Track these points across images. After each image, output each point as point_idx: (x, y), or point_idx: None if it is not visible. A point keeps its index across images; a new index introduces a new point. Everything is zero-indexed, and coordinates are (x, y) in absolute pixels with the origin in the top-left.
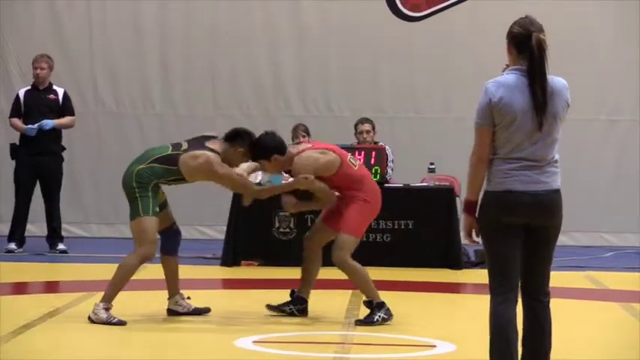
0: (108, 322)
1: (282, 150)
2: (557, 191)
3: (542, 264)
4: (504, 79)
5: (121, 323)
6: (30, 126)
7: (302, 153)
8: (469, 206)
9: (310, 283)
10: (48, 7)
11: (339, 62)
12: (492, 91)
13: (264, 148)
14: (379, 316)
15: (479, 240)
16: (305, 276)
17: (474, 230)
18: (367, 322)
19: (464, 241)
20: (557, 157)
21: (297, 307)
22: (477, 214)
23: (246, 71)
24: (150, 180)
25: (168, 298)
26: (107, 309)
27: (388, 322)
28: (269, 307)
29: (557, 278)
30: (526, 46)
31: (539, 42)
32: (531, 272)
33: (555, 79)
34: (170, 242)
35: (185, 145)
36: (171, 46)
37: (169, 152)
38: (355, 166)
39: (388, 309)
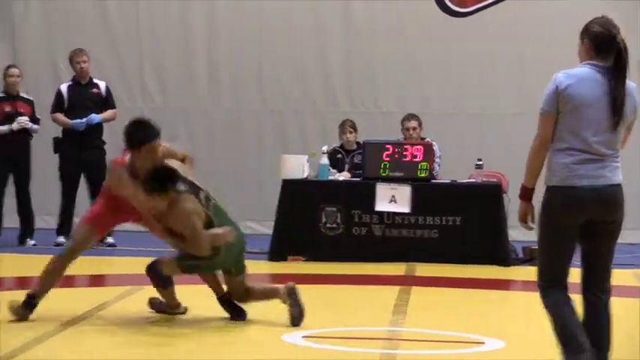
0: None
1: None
2: (618, 185)
3: (601, 260)
4: (577, 71)
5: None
6: (78, 121)
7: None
8: (525, 193)
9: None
10: (97, 3)
11: (387, 58)
12: (561, 80)
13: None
14: None
15: (534, 226)
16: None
17: (529, 216)
18: None
19: (512, 237)
20: (619, 152)
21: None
22: (539, 210)
23: (293, 67)
24: None
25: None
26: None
27: None
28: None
29: None
30: (608, 47)
31: (624, 44)
32: (591, 268)
33: (628, 82)
34: None
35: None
36: (218, 42)
37: None
38: None
39: None
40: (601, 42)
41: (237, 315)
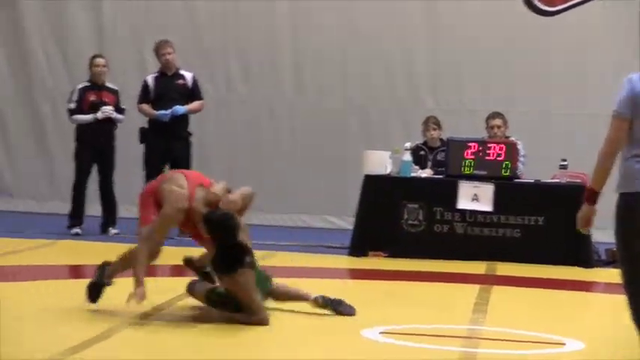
0: None
1: None
2: None
3: None
4: None
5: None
6: (163, 112)
7: None
8: (592, 195)
9: None
10: None
11: (472, 55)
12: (636, 82)
13: None
14: None
15: (590, 232)
16: None
17: (592, 221)
18: None
19: (594, 239)
20: None
21: None
22: (615, 216)
23: (378, 63)
24: None
25: None
26: None
27: None
28: None
29: None
30: None
31: None
32: None
33: None
34: None
35: None
36: (304, 35)
37: None
38: None
39: None
40: None
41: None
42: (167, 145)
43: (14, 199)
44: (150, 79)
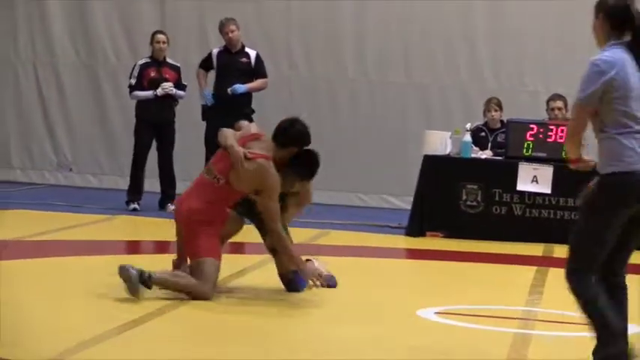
0: None
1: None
2: None
3: (633, 247)
4: (612, 54)
5: None
6: (208, 92)
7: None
8: (574, 160)
9: None
10: None
11: (535, 36)
12: (603, 67)
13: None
14: None
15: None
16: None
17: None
18: None
19: None
20: None
21: None
22: (600, 193)
23: (441, 42)
24: None
25: None
26: None
27: None
28: None
29: None
30: (622, 20)
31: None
32: (621, 252)
33: None
34: None
35: None
36: (366, 13)
37: None
38: None
39: None
40: (616, 15)
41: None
42: (229, 123)
43: (74, 174)
44: (215, 52)
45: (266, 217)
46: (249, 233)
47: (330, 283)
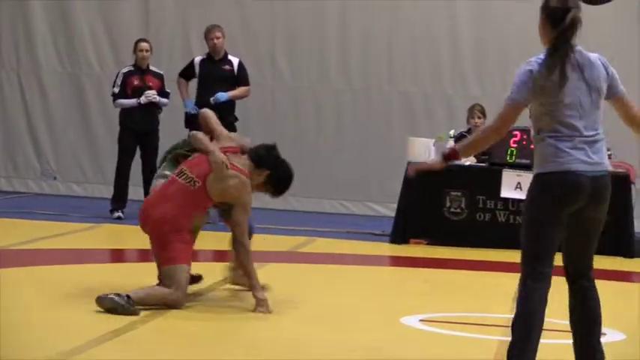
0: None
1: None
2: (609, 174)
3: (590, 247)
4: (542, 58)
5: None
6: (190, 102)
7: None
8: (454, 155)
9: None
10: None
11: (518, 43)
12: (532, 69)
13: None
14: None
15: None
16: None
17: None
18: None
19: (637, 229)
20: (601, 133)
21: None
22: (531, 198)
23: (424, 49)
24: None
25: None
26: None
27: None
28: None
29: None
30: (560, 20)
31: (574, 20)
32: (577, 256)
33: (584, 54)
34: None
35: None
36: (350, 22)
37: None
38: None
39: None
40: (555, 16)
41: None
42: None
43: (58, 182)
44: (197, 60)
45: (237, 231)
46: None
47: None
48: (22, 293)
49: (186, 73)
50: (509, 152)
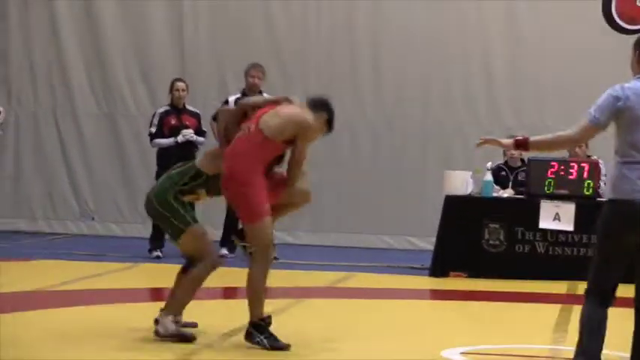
0: (178, 335)
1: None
2: None
3: None
4: (632, 84)
5: (187, 339)
6: None
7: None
8: (523, 143)
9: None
10: (265, 16)
11: (554, 73)
12: (620, 93)
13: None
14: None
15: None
16: None
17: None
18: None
19: None
20: None
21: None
22: (599, 222)
23: (459, 81)
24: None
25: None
26: (177, 322)
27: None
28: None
29: None
30: None
31: None
32: None
33: None
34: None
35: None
36: (384, 53)
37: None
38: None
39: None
40: None
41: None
42: None
43: (96, 223)
44: (232, 99)
45: (298, 161)
46: (282, 278)
47: None
48: (68, 333)
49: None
50: (547, 183)
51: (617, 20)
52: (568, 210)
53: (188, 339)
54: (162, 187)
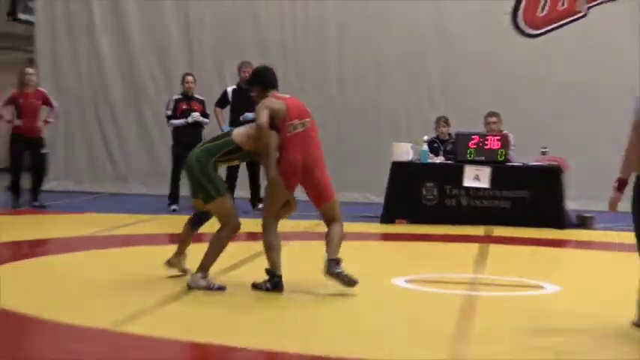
0: (209, 288)
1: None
2: None
3: None
4: None
5: (221, 288)
6: (225, 126)
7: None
8: (621, 184)
9: (278, 258)
10: (255, 27)
11: (474, 63)
12: None
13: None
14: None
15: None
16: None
17: (618, 204)
18: (258, 286)
19: (568, 207)
20: None
21: (271, 282)
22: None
23: (402, 75)
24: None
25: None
26: (204, 277)
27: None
28: (254, 285)
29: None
30: None
31: None
32: None
33: None
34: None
35: None
36: (347, 47)
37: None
38: (290, 133)
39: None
40: None
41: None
42: None
43: (128, 184)
44: (229, 90)
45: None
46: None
47: None
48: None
49: (221, 102)
50: (469, 152)
51: (522, 26)
52: (485, 172)
53: (222, 288)
54: (202, 156)
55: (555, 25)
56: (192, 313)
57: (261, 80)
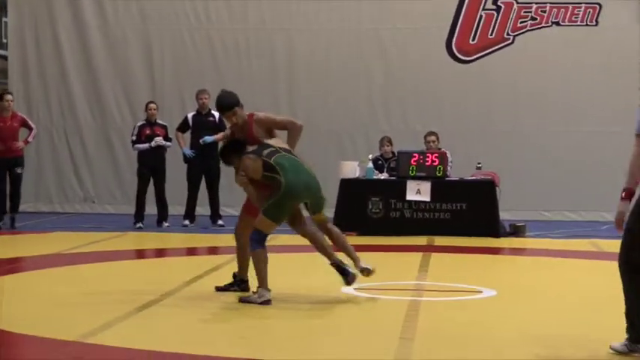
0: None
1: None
2: None
3: None
4: None
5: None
6: (187, 149)
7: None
8: (628, 194)
9: (246, 266)
10: (212, 60)
11: (413, 91)
12: None
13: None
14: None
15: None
16: (240, 261)
17: (625, 217)
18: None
19: (502, 217)
20: None
21: (240, 287)
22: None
23: (347, 99)
24: None
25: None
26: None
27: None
28: (217, 288)
29: (569, 244)
30: None
31: None
32: None
33: None
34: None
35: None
36: (298, 73)
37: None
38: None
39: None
40: None
41: (346, 276)
42: (202, 163)
43: (96, 204)
44: (190, 116)
45: None
46: (228, 240)
47: None
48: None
49: (182, 126)
50: (411, 168)
51: (456, 52)
52: (426, 187)
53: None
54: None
55: (485, 52)
56: (160, 324)
57: (237, 99)
